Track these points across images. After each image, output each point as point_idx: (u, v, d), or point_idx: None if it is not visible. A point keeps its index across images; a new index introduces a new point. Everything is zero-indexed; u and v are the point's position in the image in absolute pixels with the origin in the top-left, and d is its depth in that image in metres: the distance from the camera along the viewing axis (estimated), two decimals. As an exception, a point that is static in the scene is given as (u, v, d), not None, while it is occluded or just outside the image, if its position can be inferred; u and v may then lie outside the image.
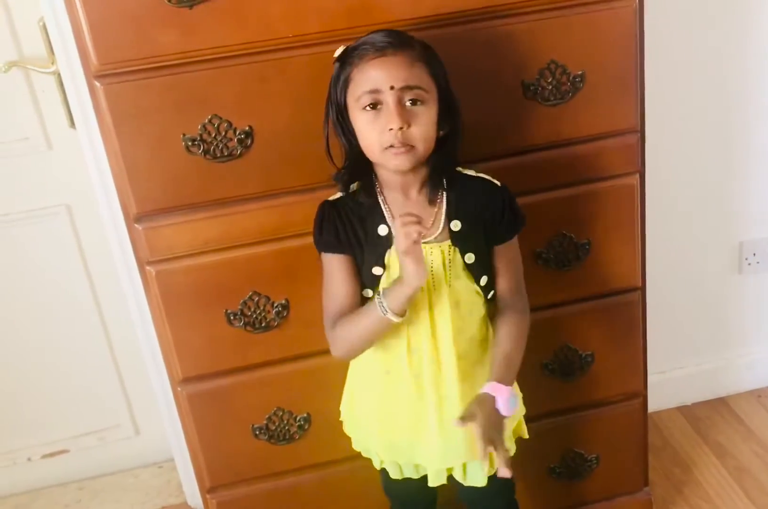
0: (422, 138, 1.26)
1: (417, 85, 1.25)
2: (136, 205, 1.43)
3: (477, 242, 1.36)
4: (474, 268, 1.36)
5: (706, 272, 2.22)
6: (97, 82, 1.35)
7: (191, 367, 1.56)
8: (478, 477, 1.46)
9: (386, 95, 1.24)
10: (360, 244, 1.36)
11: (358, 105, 1.26)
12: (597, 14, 1.48)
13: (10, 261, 2.03)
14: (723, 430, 2.25)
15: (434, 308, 1.35)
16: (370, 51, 1.24)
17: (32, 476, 2.24)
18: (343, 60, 1.28)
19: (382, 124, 1.25)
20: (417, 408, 1.41)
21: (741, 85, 2.03)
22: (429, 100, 1.26)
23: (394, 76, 1.23)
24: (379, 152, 1.27)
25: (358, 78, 1.25)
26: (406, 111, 1.25)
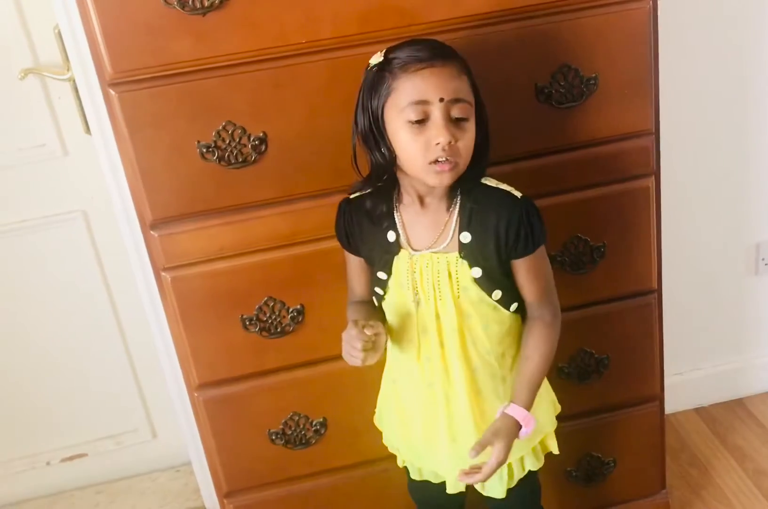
0: (466, 154, 1.23)
1: (464, 98, 1.21)
2: (151, 212, 1.44)
3: (486, 256, 1.30)
4: (482, 282, 1.31)
5: (723, 273, 2.21)
6: (112, 90, 1.36)
7: (207, 373, 1.56)
8: (496, 489, 1.45)
9: (434, 107, 1.19)
10: (366, 247, 1.36)
11: (402, 117, 1.20)
12: (610, 16, 1.47)
13: (28, 267, 2.04)
14: (741, 432, 2.24)
15: (441, 319, 1.34)
16: (416, 61, 1.18)
17: (51, 480, 2.26)
18: (383, 68, 1.21)
19: (428, 137, 1.20)
20: (430, 417, 1.40)
21: (756, 86, 2.01)
22: (471, 114, 1.23)
23: (444, 87, 1.19)
24: (421, 166, 1.22)
25: (403, 88, 1.19)
26: (453, 125, 1.21)
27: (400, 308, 1.37)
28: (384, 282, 1.36)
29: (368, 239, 1.35)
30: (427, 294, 1.33)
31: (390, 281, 1.35)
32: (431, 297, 1.32)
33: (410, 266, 1.32)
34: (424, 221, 1.32)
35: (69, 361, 2.14)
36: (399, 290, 1.35)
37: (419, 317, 1.35)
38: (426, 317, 1.34)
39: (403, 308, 1.36)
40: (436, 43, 1.24)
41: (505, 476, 1.44)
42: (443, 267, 1.31)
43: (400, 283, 1.34)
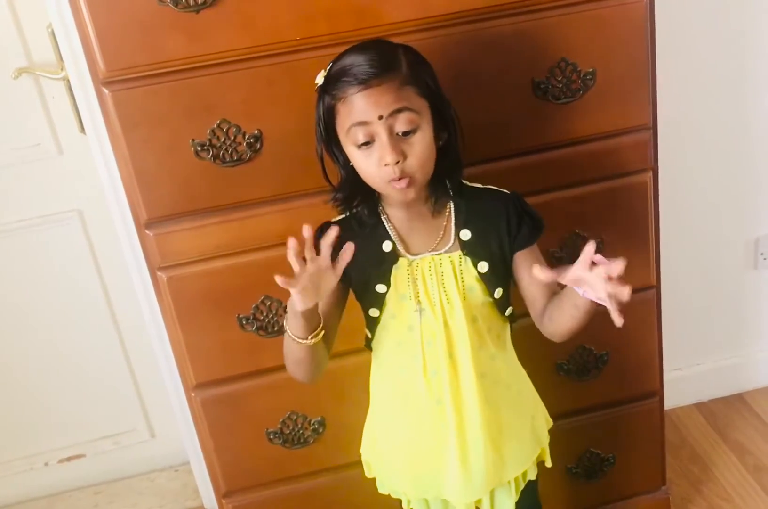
0: (420, 167, 1.20)
1: (406, 107, 1.18)
2: (146, 211, 1.43)
3: (490, 250, 1.29)
4: (488, 278, 1.30)
5: (722, 268, 2.20)
6: (105, 89, 1.35)
7: (204, 372, 1.56)
8: (506, 506, 1.43)
9: (376, 127, 1.17)
10: (361, 265, 1.28)
11: (349, 140, 1.20)
12: (607, 10, 1.46)
13: (24, 267, 2.03)
14: (741, 427, 2.23)
15: (449, 325, 1.30)
16: (353, 84, 1.17)
17: (49, 480, 2.25)
18: (326, 89, 1.21)
19: (377, 158, 1.19)
20: (439, 436, 1.35)
21: (754, 80, 2.01)
22: (421, 122, 1.20)
23: (381, 103, 1.16)
24: (380, 185, 1.23)
25: (344, 111, 1.19)
26: (399, 142, 1.18)
27: (399, 323, 1.33)
28: (382, 297, 1.31)
29: (360, 258, 1.23)
30: (432, 301, 1.29)
31: (388, 295, 1.31)
32: (437, 303, 1.29)
33: (411, 274, 1.30)
34: (419, 226, 1.30)
35: (66, 361, 2.14)
36: (399, 302, 1.31)
37: (423, 329, 1.31)
38: (432, 326, 1.30)
39: (404, 323, 1.32)
40: (376, 55, 1.19)
41: (513, 491, 1.41)
42: (447, 269, 1.29)
43: (401, 294, 1.30)
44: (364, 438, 1.48)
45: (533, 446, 1.42)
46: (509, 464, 1.38)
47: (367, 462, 1.49)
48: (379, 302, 1.32)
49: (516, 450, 1.39)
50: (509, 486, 1.41)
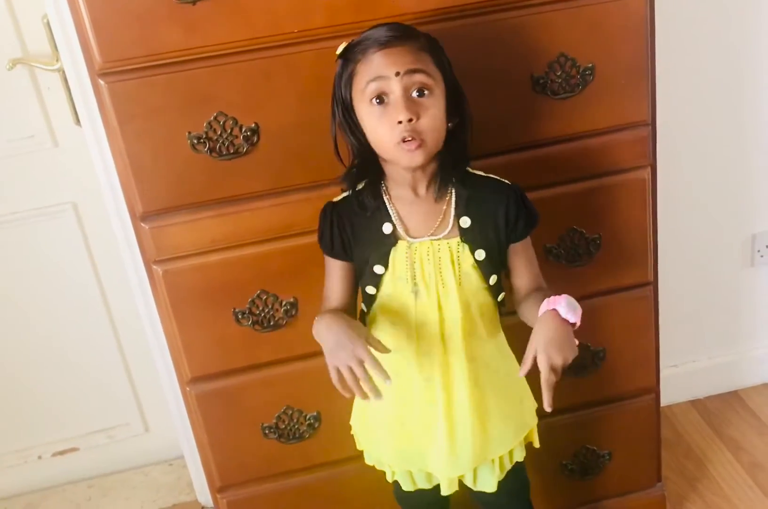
0: (431, 129, 1.23)
1: (422, 69, 1.21)
2: (141, 204, 1.42)
3: (487, 238, 1.32)
4: (484, 265, 1.33)
5: (719, 265, 2.20)
6: (101, 81, 1.34)
7: (199, 366, 1.55)
8: (488, 482, 1.45)
9: (392, 84, 1.20)
10: (360, 245, 1.34)
11: (364, 98, 1.22)
12: (607, 5, 1.46)
13: (18, 259, 2.02)
14: (736, 424, 2.23)
15: (443, 309, 1.33)
16: (374, 45, 1.21)
17: (43, 474, 2.25)
18: (346, 57, 1.25)
19: (390, 117, 1.21)
20: (427, 413, 1.39)
21: (754, 77, 2.00)
22: (435, 89, 1.23)
23: (399, 62, 1.20)
24: (391, 147, 1.23)
25: (363, 70, 1.22)
26: (413, 102, 1.21)
27: (395, 304, 1.35)
28: (379, 278, 1.34)
29: (362, 237, 1.34)
30: (428, 284, 1.32)
31: (386, 275, 1.34)
32: (432, 287, 1.32)
33: (410, 256, 1.32)
34: (420, 209, 1.32)
35: (60, 355, 2.13)
36: (395, 283, 1.34)
37: (418, 310, 1.34)
38: (426, 308, 1.33)
39: (399, 303, 1.35)
40: (398, 25, 1.24)
41: (497, 469, 1.44)
42: (445, 254, 1.31)
43: (398, 275, 1.33)
44: (354, 409, 1.51)
45: (520, 427, 1.45)
46: (494, 443, 1.41)
47: (356, 434, 1.52)
48: (375, 281, 1.35)
49: (502, 429, 1.41)
50: (492, 464, 1.43)
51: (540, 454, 1.56)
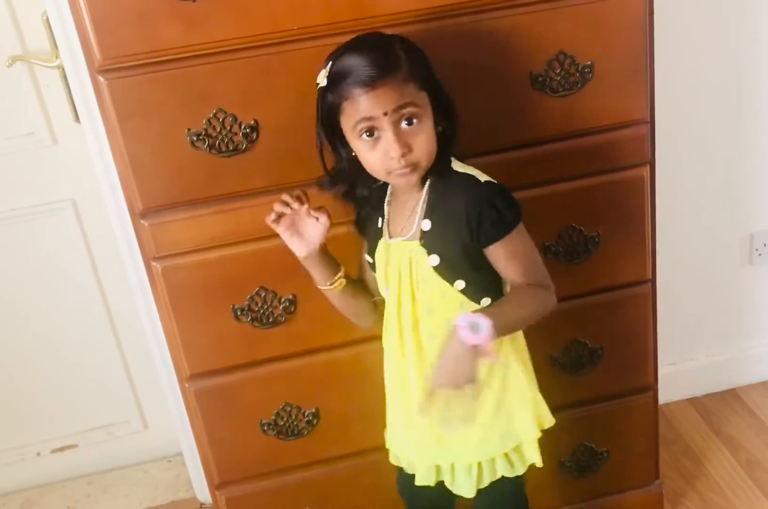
0: (425, 154, 1.25)
1: (409, 102, 1.22)
2: (141, 201, 1.42)
3: (446, 243, 1.28)
4: (441, 271, 1.29)
5: (717, 263, 2.20)
6: (101, 77, 1.34)
7: (198, 363, 1.55)
8: (464, 487, 1.42)
9: (382, 122, 1.21)
10: (368, 230, 1.40)
11: (355, 133, 1.24)
12: (606, 3, 1.46)
13: (17, 256, 2.03)
14: (734, 422, 2.24)
15: (401, 310, 1.34)
16: (357, 85, 1.20)
17: (42, 471, 2.25)
18: (330, 90, 1.24)
19: (383, 150, 1.23)
20: (397, 395, 1.42)
21: (752, 75, 2.01)
22: (424, 114, 1.24)
23: (386, 102, 1.21)
24: (384, 175, 1.27)
25: (350, 109, 1.23)
26: (403, 135, 1.23)
27: (382, 292, 1.40)
28: (372, 266, 1.39)
29: (368, 226, 1.40)
30: (393, 284, 1.35)
31: (376, 267, 1.38)
32: (395, 288, 1.34)
33: (386, 254, 1.35)
34: (401, 210, 1.35)
35: (59, 352, 2.13)
36: (378, 277, 1.38)
37: (388, 305, 1.38)
38: (390, 306, 1.36)
39: (383, 295, 1.40)
40: (377, 57, 1.21)
41: (474, 474, 1.41)
42: (405, 256, 1.32)
43: (380, 270, 1.37)
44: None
45: (505, 439, 1.39)
46: (466, 446, 1.39)
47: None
48: (373, 269, 1.40)
49: (479, 436, 1.37)
50: (469, 468, 1.41)
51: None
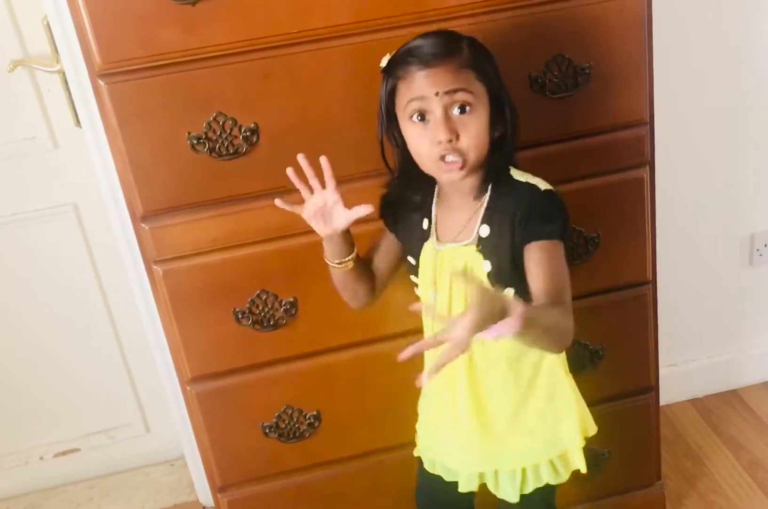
0: (473, 148, 1.22)
1: (463, 88, 1.20)
2: (142, 204, 1.43)
3: (501, 250, 1.28)
4: (494, 277, 1.28)
5: (717, 264, 2.21)
6: (101, 81, 1.34)
7: (200, 366, 1.55)
8: (508, 491, 1.43)
9: (432, 103, 1.20)
10: (407, 231, 1.38)
11: (406, 114, 1.23)
12: (604, 5, 1.46)
13: (19, 260, 2.03)
14: (736, 423, 2.24)
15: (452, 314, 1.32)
16: (415, 63, 1.21)
17: (44, 475, 2.25)
18: (389, 71, 1.25)
19: (431, 136, 1.22)
20: (439, 402, 1.41)
21: (751, 76, 2.01)
22: (478, 105, 1.22)
23: (439, 82, 1.20)
24: (430, 163, 1.24)
25: (404, 88, 1.23)
26: (453, 122, 1.21)
27: (425, 296, 1.37)
28: (414, 268, 1.37)
29: (406, 224, 1.38)
30: (444, 289, 1.32)
31: (419, 269, 1.36)
32: (446, 294, 1.32)
33: (434, 258, 1.33)
34: (454, 215, 1.33)
35: (61, 355, 2.13)
36: (423, 280, 1.36)
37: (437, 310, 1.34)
38: (441, 309, 1.33)
39: (427, 297, 1.37)
40: (442, 38, 1.23)
41: (518, 479, 1.42)
42: (461, 261, 1.31)
43: (424, 273, 1.35)
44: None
45: (550, 445, 1.41)
46: (510, 452, 1.40)
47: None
48: (413, 271, 1.38)
49: (524, 442, 1.40)
50: (514, 473, 1.42)
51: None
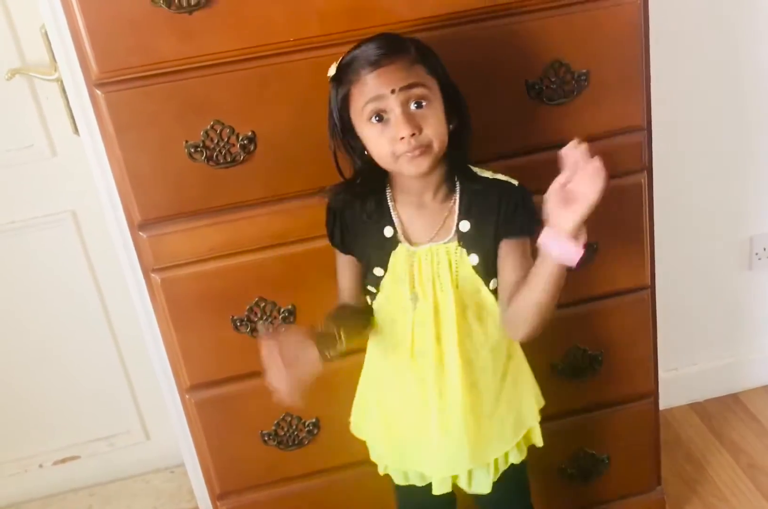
0: (436, 138, 1.23)
1: (417, 83, 1.21)
2: (139, 213, 1.43)
3: (484, 243, 1.31)
4: (480, 270, 1.32)
5: (717, 268, 2.21)
6: (98, 91, 1.35)
7: (198, 374, 1.56)
8: (483, 484, 1.45)
9: (390, 101, 1.20)
10: (364, 244, 1.35)
11: (363, 117, 1.23)
12: (601, 12, 1.47)
13: (18, 268, 2.03)
14: (736, 427, 2.24)
15: (440, 312, 1.33)
16: (365, 66, 1.21)
17: (44, 482, 2.25)
18: (339, 78, 1.25)
19: (392, 133, 1.22)
20: (420, 413, 1.40)
21: (749, 81, 2.01)
22: (433, 98, 1.23)
23: (393, 79, 1.20)
24: (393, 161, 1.24)
25: (358, 92, 1.22)
26: (413, 116, 1.22)
27: (394, 305, 1.37)
28: (379, 279, 1.35)
29: (362, 236, 1.35)
30: (425, 288, 1.33)
31: (386, 278, 1.35)
32: (429, 291, 1.32)
33: (408, 261, 1.33)
34: (424, 215, 1.32)
35: (60, 363, 2.13)
36: (395, 286, 1.35)
37: (416, 313, 1.34)
38: (423, 311, 1.34)
39: (398, 305, 1.36)
40: (385, 39, 1.24)
41: (491, 471, 1.44)
42: (443, 257, 1.32)
43: (397, 278, 1.34)
44: (355, 401, 1.52)
45: (517, 428, 1.44)
46: (490, 445, 1.42)
47: (355, 423, 1.52)
48: (375, 282, 1.36)
49: (498, 432, 1.42)
50: (487, 466, 1.43)
51: (539, 458, 1.56)
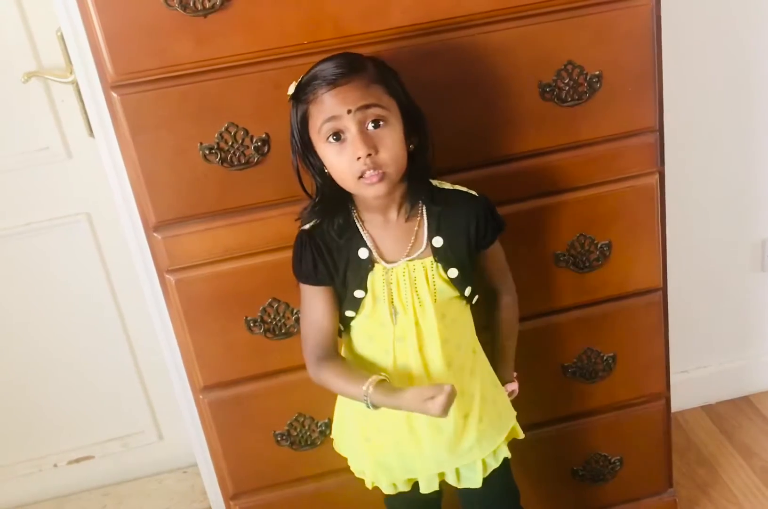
0: (392, 160, 1.24)
1: (374, 103, 1.22)
2: (154, 214, 1.44)
3: (459, 255, 1.34)
4: (458, 282, 1.34)
5: (729, 270, 2.20)
6: (114, 93, 1.36)
7: (212, 374, 1.56)
8: (472, 479, 1.45)
9: (346, 121, 1.21)
10: (339, 270, 1.34)
11: (321, 137, 1.24)
12: (613, 13, 1.47)
13: (33, 270, 2.04)
14: (748, 429, 2.23)
15: (420, 324, 1.34)
16: (323, 85, 1.21)
17: (58, 482, 2.26)
18: (297, 97, 1.26)
19: (349, 154, 1.22)
20: (406, 421, 1.38)
21: (761, 82, 2.01)
22: (391, 118, 1.24)
23: (349, 99, 1.20)
24: (352, 182, 1.25)
25: (315, 111, 1.23)
26: (370, 136, 1.22)
27: (372, 322, 1.36)
28: (359, 301, 1.35)
29: (340, 261, 1.34)
30: (404, 303, 1.33)
31: (366, 298, 1.34)
32: (409, 305, 1.33)
33: (386, 279, 1.33)
34: (392, 233, 1.33)
35: (74, 363, 2.14)
36: (375, 304, 1.35)
37: (396, 327, 1.35)
38: (404, 325, 1.34)
39: (376, 322, 1.36)
40: (344, 59, 1.24)
41: (479, 468, 1.43)
42: (420, 274, 1.33)
43: (377, 297, 1.34)
44: (335, 417, 1.51)
45: (502, 426, 1.45)
46: (477, 445, 1.41)
47: (336, 441, 1.52)
48: (356, 305, 1.36)
49: (484, 431, 1.41)
50: (474, 465, 1.43)
51: (551, 460, 1.56)
